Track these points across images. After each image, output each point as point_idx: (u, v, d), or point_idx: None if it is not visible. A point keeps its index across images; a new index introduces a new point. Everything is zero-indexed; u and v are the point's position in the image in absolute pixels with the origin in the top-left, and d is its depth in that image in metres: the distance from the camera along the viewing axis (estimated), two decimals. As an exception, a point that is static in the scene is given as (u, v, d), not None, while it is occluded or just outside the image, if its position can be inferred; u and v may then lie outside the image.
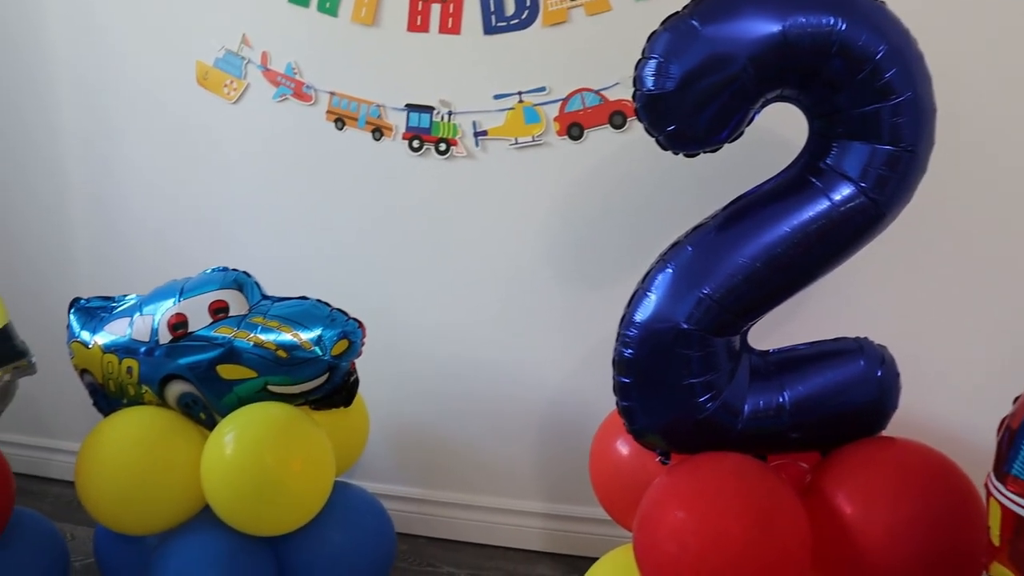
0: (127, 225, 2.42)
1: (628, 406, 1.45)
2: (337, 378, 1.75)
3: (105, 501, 1.72)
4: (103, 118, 2.38)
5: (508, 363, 2.11)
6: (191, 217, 2.33)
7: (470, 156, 2.02)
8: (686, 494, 1.36)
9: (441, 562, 2.14)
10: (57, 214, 2.49)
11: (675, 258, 1.40)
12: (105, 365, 1.81)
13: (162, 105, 2.30)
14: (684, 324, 1.37)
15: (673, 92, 1.31)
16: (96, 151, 2.41)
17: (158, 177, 2.35)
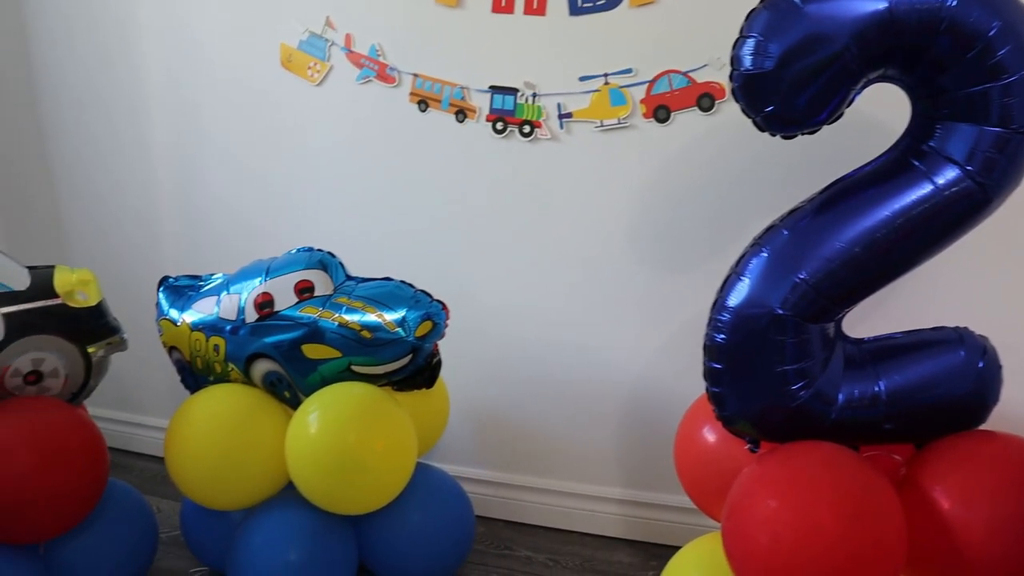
0: (211, 206, 2.45)
1: (719, 392, 1.42)
2: (420, 359, 1.75)
3: (192, 476, 1.76)
4: (188, 102, 2.41)
5: (589, 347, 2.09)
6: (274, 198, 2.35)
7: (554, 138, 2.01)
8: (779, 483, 1.33)
9: (518, 546, 2.13)
10: (144, 196, 2.54)
11: (770, 242, 1.37)
12: (193, 343, 1.84)
13: (246, 88, 2.32)
14: (779, 309, 1.34)
15: (772, 72, 1.27)
16: (181, 134, 2.45)
17: (242, 159, 2.38)
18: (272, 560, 1.71)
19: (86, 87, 2.55)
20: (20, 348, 1.64)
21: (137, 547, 1.86)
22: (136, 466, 2.65)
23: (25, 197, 2.74)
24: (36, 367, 1.68)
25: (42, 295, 1.68)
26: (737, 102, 1.35)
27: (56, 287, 1.69)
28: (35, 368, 1.68)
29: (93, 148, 2.59)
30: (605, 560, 2.06)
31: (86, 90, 2.55)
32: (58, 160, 2.66)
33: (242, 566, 1.74)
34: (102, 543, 1.79)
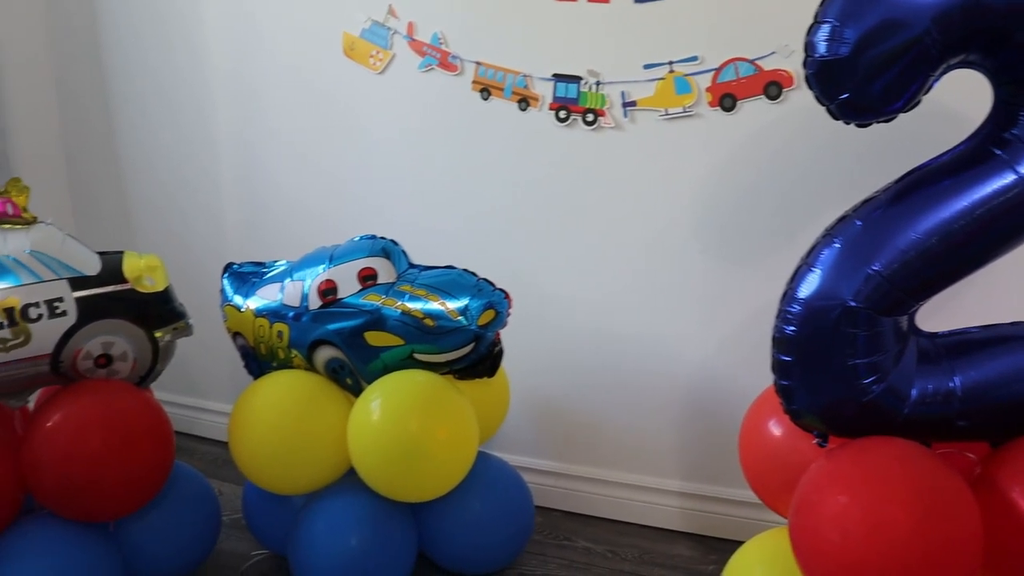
0: (273, 195, 2.48)
1: (787, 385, 1.39)
2: (482, 348, 1.75)
3: (256, 461, 1.78)
4: (250, 91, 2.44)
5: (650, 337, 2.06)
6: (336, 187, 2.37)
7: (618, 127, 1.99)
8: (849, 479, 1.30)
9: (577, 536, 2.12)
10: (207, 185, 2.58)
11: (843, 233, 1.34)
12: (257, 329, 1.86)
13: (308, 76, 2.34)
14: (851, 301, 1.31)
15: (847, 58, 1.24)
16: (244, 124, 2.47)
17: (303, 147, 2.40)
18: (333, 545, 1.73)
19: (151, 79, 2.59)
20: (91, 332, 1.67)
21: (202, 529, 1.89)
22: (198, 450, 2.69)
23: (94, 186, 2.80)
24: (106, 350, 1.71)
25: (112, 280, 1.71)
26: (811, 89, 1.31)
27: (125, 272, 1.72)
28: (105, 351, 1.71)
29: (158, 138, 2.63)
30: (664, 553, 2.04)
31: (151, 82, 2.59)
32: (125, 151, 2.71)
33: (304, 550, 1.76)
34: (168, 523, 1.82)
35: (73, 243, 1.71)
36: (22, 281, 1.62)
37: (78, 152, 2.81)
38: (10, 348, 1.61)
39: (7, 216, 1.68)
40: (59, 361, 1.67)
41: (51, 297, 1.63)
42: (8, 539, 1.63)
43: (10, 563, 1.59)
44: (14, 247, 1.64)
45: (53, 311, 1.63)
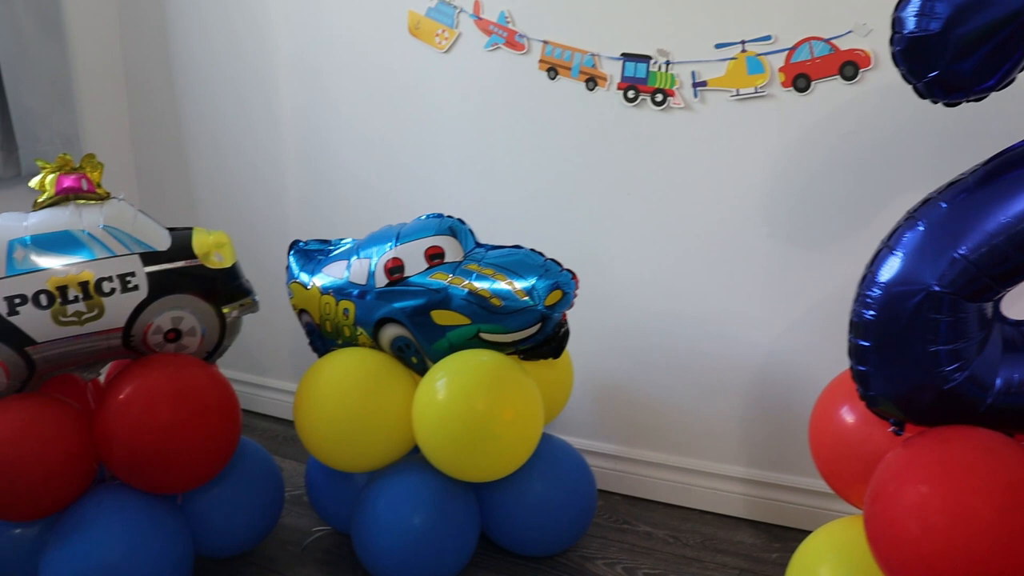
0: (337, 174, 2.49)
1: (864, 371, 1.36)
2: (548, 328, 1.74)
3: (321, 438, 1.79)
4: (315, 70, 2.45)
5: (717, 321, 2.03)
6: (400, 166, 2.36)
7: (687, 107, 1.95)
8: (930, 469, 1.26)
9: (638, 520, 2.11)
10: (271, 164, 2.60)
11: (927, 215, 1.30)
12: (323, 306, 1.86)
13: (373, 56, 2.34)
14: (935, 286, 1.27)
15: (938, 34, 1.20)
16: (308, 102, 2.48)
17: (367, 127, 2.40)
18: (396, 523, 1.73)
19: (216, 59, 2.61)
20: (161, 306, 1.69)
21: (266, 504, 1.91)
22: (259, 426, 2.72)
23: (159, 166, 2.84)
24: (175, 325, 1.73)
25: (182, 256, 1.72)
26: (897, 67, 1.27)
27: (194, 248, 1.74)
28: (174, 326, 1.73)
29: (222, 118, 2.66)
30: (727, 539, 2.02)
31: (216, 62, 2.61)
32: (189, 131, 2.74)
33: (367, 528, 1.77)
34: (234, 497, 1.84)
35: (144, 219, 1.73)
36: (96, 255, 1.64)
37: (144, 132, 2.85)
38: (84, 321, 1.64)
39: (82, 192, 1.70)
40: (130, 335, 1.69)
41: (123, 272, 1.65)
42: (82, 506, 1.66)
43: (84, 529, 1.62)
44: (89, 222, 1.66)
45: (125, 285, 1.65)
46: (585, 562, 1.93)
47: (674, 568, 1.91)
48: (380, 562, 1.76)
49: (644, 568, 1.91)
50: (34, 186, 1.71)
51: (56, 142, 2.55)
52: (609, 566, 1.92)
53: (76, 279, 1.62)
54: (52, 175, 1.71)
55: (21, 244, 1.61)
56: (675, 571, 1.90)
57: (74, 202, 1.70)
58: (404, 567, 1.74)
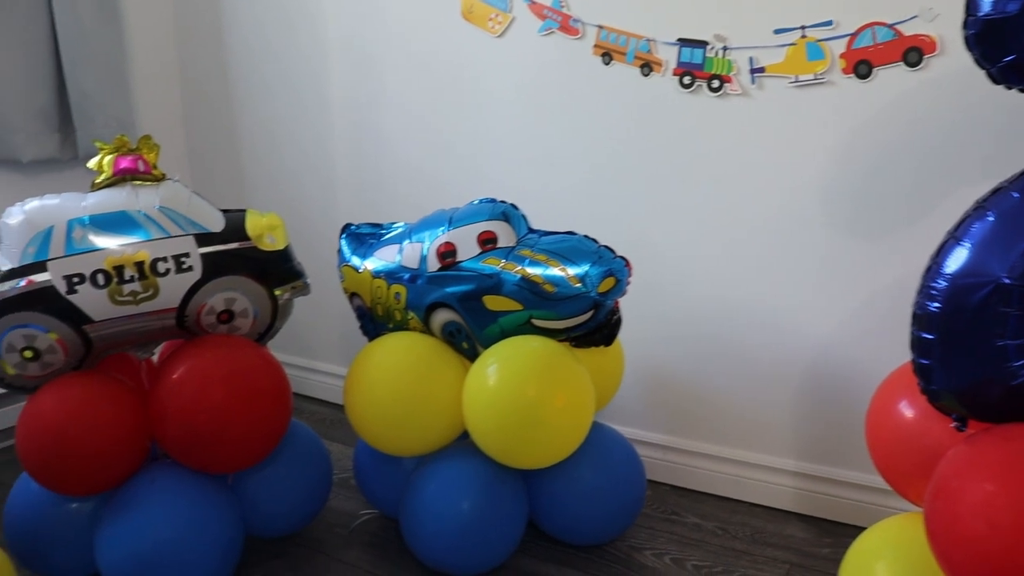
0: (387, 158, 2.49)
1: (927, 365, 1.32)
2: (601, 316, 1.72)
3: (371, 422, 1.79)
4: (366, 53, 2.45)
5: (771, 311, 2.00)
6: (451, 150, 2.36)
7: (744, 94, 1.92)
8: (996, 466, 1.22)
9: (686, 511, 2.09)
10: (321, 147, 2.61)
11: (998, 205, 1.26)
12: (374, 290, 1.86)
13: (425, 39, 2.33)
14: (1005, 279, 1.23)
15: (1016, 16, 1.16)
16: (359, 86, 2.49)
17: (419, 111, 2.40)
18: (445, 508, 1.73)
19: (267, 43, 2.63)
20: (215, 287, 1.70)
21: (315, 486, 1.92)
22: (307, 409, 2.74)
23: (210, 149, 2.86)
24: (228, 306, 1.74)
25: (235, 237, 1.73)
26: (970, 52, 1.23)
27: (248, 230, 1.74)
28: (227, 307, 1.74)
29: (273, 102, 2.67)
30: (776, 533, 1.99)
31: (267, 46, 2.62)
32: (240, 114, 2.76)
33: (415, 512, 1.77)
34: (284, 479, 1.86)
35: (199, 200, 1.74)
36: (152, 236, 1.66)
37: (196, 115, 2.88)
38: (140, 301, 1.65)
39: (139, 173, 1.72)
40: (184, 315, 1.71)
41: (178, 252, 1.67)
42: (136, 484, 1.68)
43: (138, 506, 1.64)
44: (145, 203, 1.68)
45: (180, 266, 1.67)
46: (633, 552, 1.92)
47: (723, 560, 1.89)
48: (428, 547, 1.76)
49: (693, 560, 1.89)
50: (92, 167, 1.73)
51: (111, 125, 2.59)
52: (657, 557, 1.90)
53: (132, 259, 1.63)
54: (110, 156, 1.73)
55: (80, 224, 1.63)
56: (724, 564, 1.87)
57: (131, 183, 1.71)
58: (452, 552, 1.74)
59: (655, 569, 1.86)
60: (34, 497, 1.74)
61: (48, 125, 2.52)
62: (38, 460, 1.61)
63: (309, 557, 1.92)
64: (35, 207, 1.65)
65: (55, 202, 1.67)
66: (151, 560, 1.61)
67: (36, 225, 1.62)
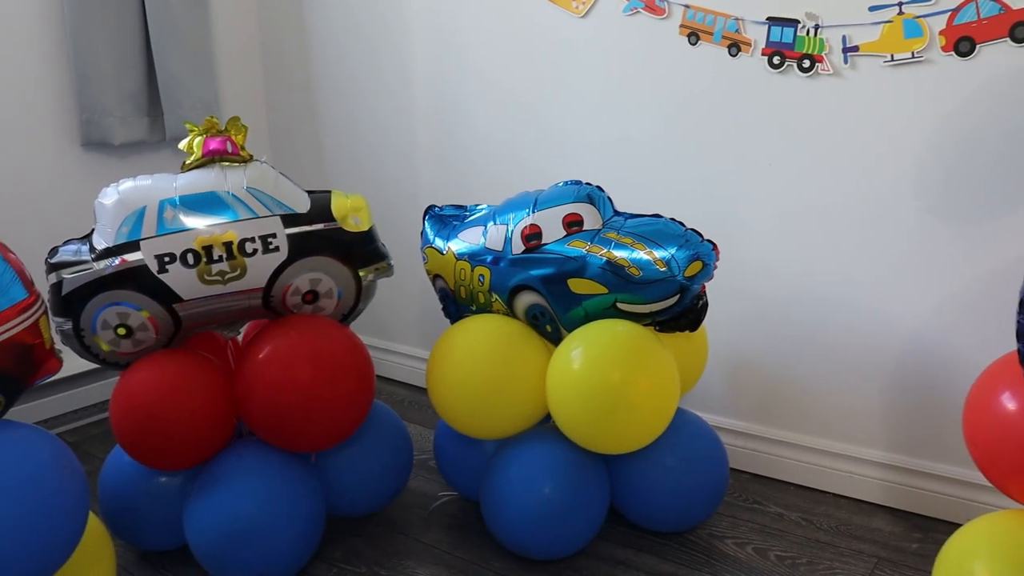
0: (469, 139, 2.48)
1: (1035, 355, 1.27)
2: (687, 300, 1.69)
3: (454, 403, 1.79)
4: (448, 31, 2.44)
5: (860, 297, 1.94)
6: (534, 131, 2.34)
7: (836, 74, 1.86)
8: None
9: (768, 501, 2.05)
10: (403, 126, 2.62)
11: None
12: (458, 272, 1.86)
13: (509, 18, 2.31)
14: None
15: None
16: (441, 65, 2.49)
17: (502, 91, 2.39)
18: (527, 492, 1.72)
19: (349, 25, 2.64)
20: (300, 268, 1.72)
21: (396, 466, 1.94)
22: (385, 390, 2.76)
23: (291, 129, 2.89)
24: (313, 287, 1.75)
25: (321, 218, 1.74)
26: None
27: (333, 211, 1.75)
28: (312, 288, 1.75)
29: (355, 83, 2.69)
30: (862, 525, 1.94)
31: (350, 25, 2.63)
32: (321, 95, 2.78)
33: (496, 495, 1.76)
34: (366, 459, 1.87)
35: (285, 181, 1.76)
36: (240, 216, 1.67)
37: (278, 97, 2.91)
38: (227, 280, 1.67)
39: (227, 154, 1.74)
40: (270, 295, 1.72)
41: (265, 233, 1.68)
42: (224, 460, 1.71)
43: (226, 482, 1.67)
44: (233, 183, 1.69)
45: (267, 246, 1.68)
46: (714, 540, 1.89)
47: (807, 552, 1.85)
48: (509, 530, 1.76)
49: (776, 550, 1.86)
50: (182, 148, 1.75)
51: (197, 107, 2.63)
52: (739, 546, 1.87)
53: (221, 239, 1.65)
54: (199, 138, 1.75)
55: (171, 204, 1.66)
56: (808, 555, 1.83)
57: (219, 164, 1.73)
58: (533, 536, 1.73)
59: (737, 559, 1.83)
60: (125, 470, 1.78)
61: (138, 108, 2.57)
62: (131, 436, 1.65)
63: (389, 537, 1.93)
64: (128, 188, 1.68)
65: (147, 183, 1.70)
66: (237, 534, 1.64)
67: (129, 205, 1.65)
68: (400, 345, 2.82)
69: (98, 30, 2.44)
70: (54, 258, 1.67)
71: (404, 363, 2.80)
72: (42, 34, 2.41)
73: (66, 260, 1.66)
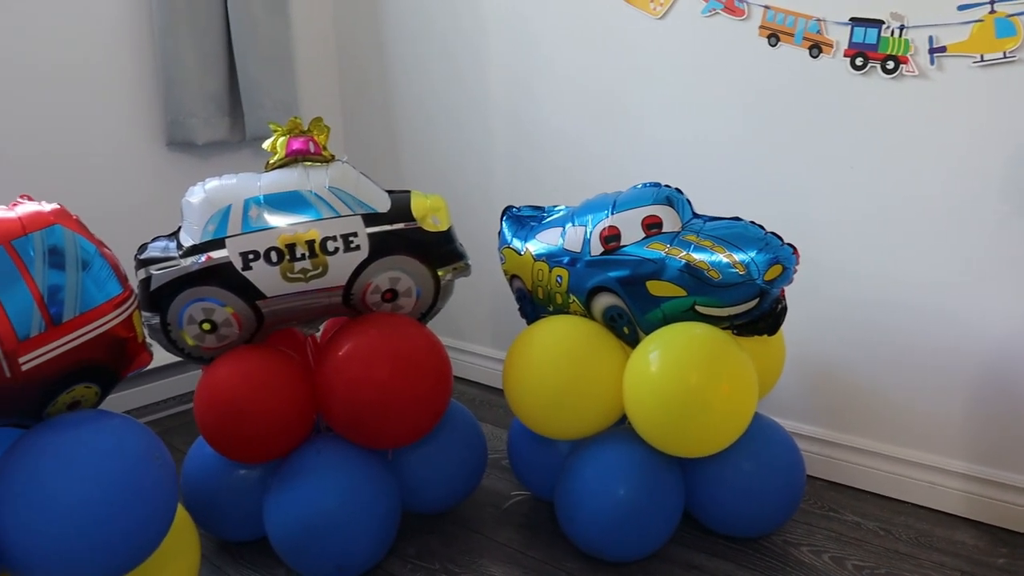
0: (546, 140, 2.49)
1: None
2: (766, 304, 1.67)
3: (529, 403, 1.79)
4: (526, 32, 2.45)
5: (945, 304, 1.90)
6: (611, 132, 2.34)
7: (922, 75, 1.83)
8: None
9: (845, 509, 2.02)
10: (479, 125, 2.63)
11: None
12: (535, 272, 1.87)
13: (586, 20, 2.31)
14: None
15: None
16: (518, 65, 2.50)
17: (579, 93, 2.39)
18: (602, 493, 1.72)
19: (425, 28, 2.67)
20: (381, 267, 1.74)
21: (471, 465, 1.95)
22: (456, 390, 2.77)
23: (367, 130, 2.93)
24: (393, 285, 1.77)
25: (401, 218, 1.76)
26: None
27: (413, 211, 1.77)
28: (392, 286, 1.77)
29: (431, 85, 2.71)
30: (944, 538, 1.89)
31: (425, 31, 2.67)
32: (398, 97, 2.82)
33: (571, 496, 1.76)
34: (441, 457, 1.89)
35: (366, 181, 1.78)
36: (322, 215, 1.70)
37: (353, 99, 2.95)
38: (309, 278, 1.70)
39: (310, 154, 1.77)
40: (350, 293, 1.75)
41: (347, 231, 1.71)
42: (303, 454, 1.74)
43: (306, 476, 1.70)
44: (316, 183, 1.72)
45: (348, 245, 1.71)
46: (789, 547, 1.87)
47: (885, 563, 1.81)
48: (583, 531, 1.76)
49: (853, 559, 1.83)
50: (266, 148, 1.79)
51: (277, 109, 2.69)
52: (815, 554, 1.84)
53: (303, 237, 1.68)
54: (283, 138, 1.78)
55: (255, 203, 1.69)
56: (887, 566, 1.80)
57: (302, 164, 1.76)
58: (607, 538, 1.73)
59: (813, 567, 1.80)
60: (207, 462, 1.83)
61: (220, 110, 2.64)
62: (214, 429, 1.69)
63: (462, 535, 1.95)
64: (215, 187, 1.72)
65: (232, 182, 1.73)
66: (315, 528, 1.67)
67: (215, 204, 1.69)
68: (472, 345, 2.83)
69: (184, 35, 2.51)
70: (143, 254, 1.73)
71: (475, 362, 2.81)
72: (131, 39, 2.49)
73: (154, 256, 1.71)
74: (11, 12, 2.26)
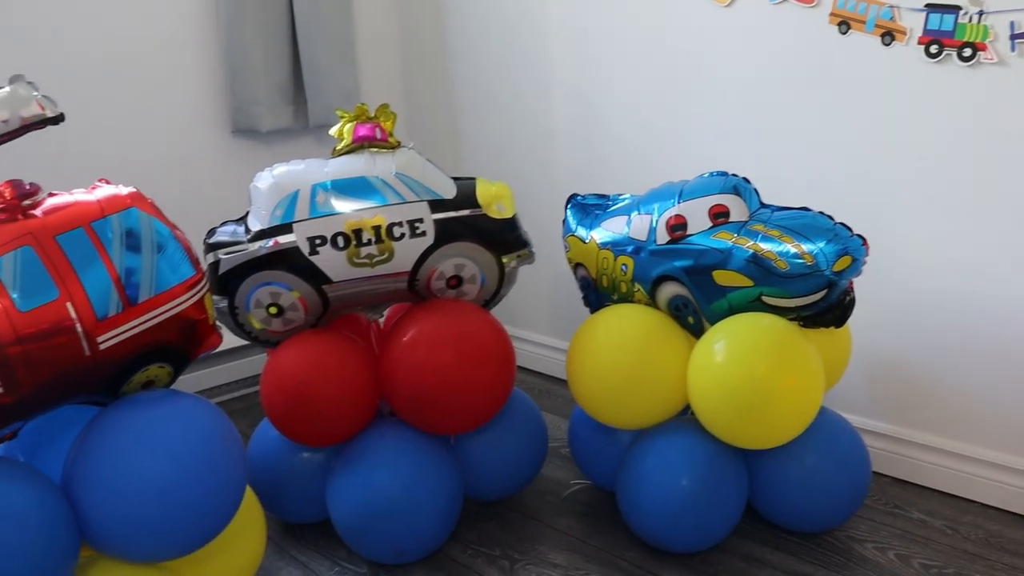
0: (609, 128, 2.47)
1: None
2: (833, 296, 1.65)
3: (593, 392, 1.79)
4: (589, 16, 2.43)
5: (1017, 301, 1.85)
6: (676, 120, 2.31)
7: (1002, 63, 1.78)
8: None
9: (911, 507, 1.98)
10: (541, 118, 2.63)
11: None
12: (600, 261, 1.86)
13: (650, 7, 2.29)
14: None
15: None
16: (580, 53, 2.48)
17: (641, 79, 2.37)
18: (664, 484, 1.71)
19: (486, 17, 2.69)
20: (446, 253, 1.75)
21: (532, 452, 1.96)
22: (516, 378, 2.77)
23: (428, 124, 2.94)
24: (458, 272, 1.78)
25: (466, 205, 1.77)
26: None
27: (478, 198, 1.78)
28: (457, 273, 1.78)
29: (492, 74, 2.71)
30: (1015, 539, 1.85)
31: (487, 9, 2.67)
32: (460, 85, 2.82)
33: (633, 486, 1.76)
34: (503, 444, 1.90)
35: (432, 168, 1.79)
36: (388, 201, 1.72)
37: (415, 87, 2.97)
38: (375, 263, 1.72)
39: (376, 140, 1.78)
40: (415, 279, 1.76)
41: (413, 218, 1.72)
42: (367, 438, 1.76)
43: (368, 460, 1.72)
44: (382, 169, 1.74)
45: (414, 231, 1.72)
46: (853, 543, 1.84)
47: (954, 562, 1.78)
48: (644, 521, 1.75)
49: (919, 558, 1.79)
50: (333, 134, 1.81)
51: (340, 96, 2.71)
52: (880, 551, 1.82)
53: (370, 223, 1.70)
54: (350, 124, 1.80)
55: (323, 188, 1.71)
56: (955, 565, 1.76)
57: (368, 150, 1.77)
58: (669, 529, 1.73)
59: (878, 563, 1.77)
60: (271, 444, 1.85)
61: (284, 98, 2.67)
62: (280, 412, 1.72)
63: (522, 522, 1.95)
64: (283, 172, 1.75)
65: (300, 168, 1.76)
66: (378, 511, 1.69)
67: (283, 189, 1.72)
68: (532, 333, 2.83)
69: (249, 25, 2.54)
70: (212, 238, 1.76)
71: (535, 351, 2.81)
72: (198, 30, 2.54)
73: (223, 241, 1.74)
74: (86, 10, 2.34)
